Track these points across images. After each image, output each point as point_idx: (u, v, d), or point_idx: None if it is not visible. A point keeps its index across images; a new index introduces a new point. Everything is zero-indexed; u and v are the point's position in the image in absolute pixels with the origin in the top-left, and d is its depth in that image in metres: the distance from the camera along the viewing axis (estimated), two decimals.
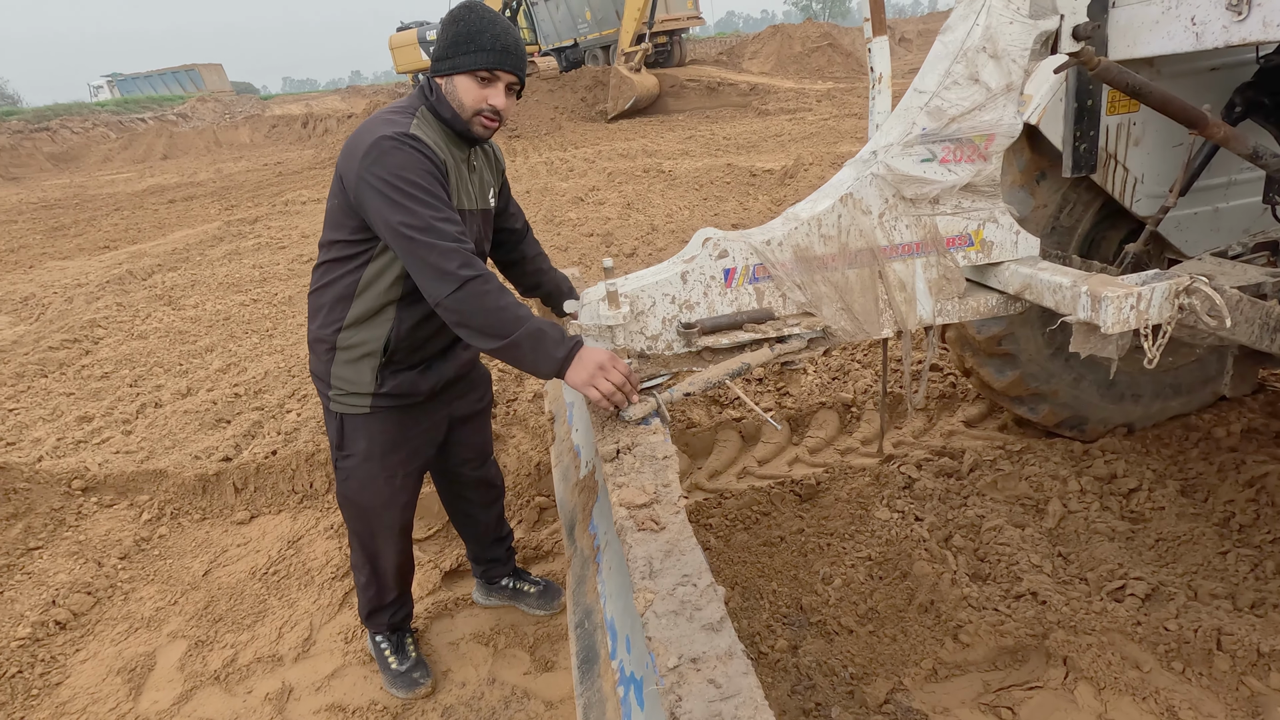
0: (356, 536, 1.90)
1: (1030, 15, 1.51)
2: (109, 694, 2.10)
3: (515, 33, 1.61)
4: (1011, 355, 2.57)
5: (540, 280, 2.06)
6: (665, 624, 0.92)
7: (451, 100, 1.61)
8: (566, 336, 1.47)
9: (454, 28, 1.58)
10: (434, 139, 1.58)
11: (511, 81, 1.62)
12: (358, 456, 1.79)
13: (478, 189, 1.76)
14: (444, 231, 1.46)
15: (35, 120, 27.82)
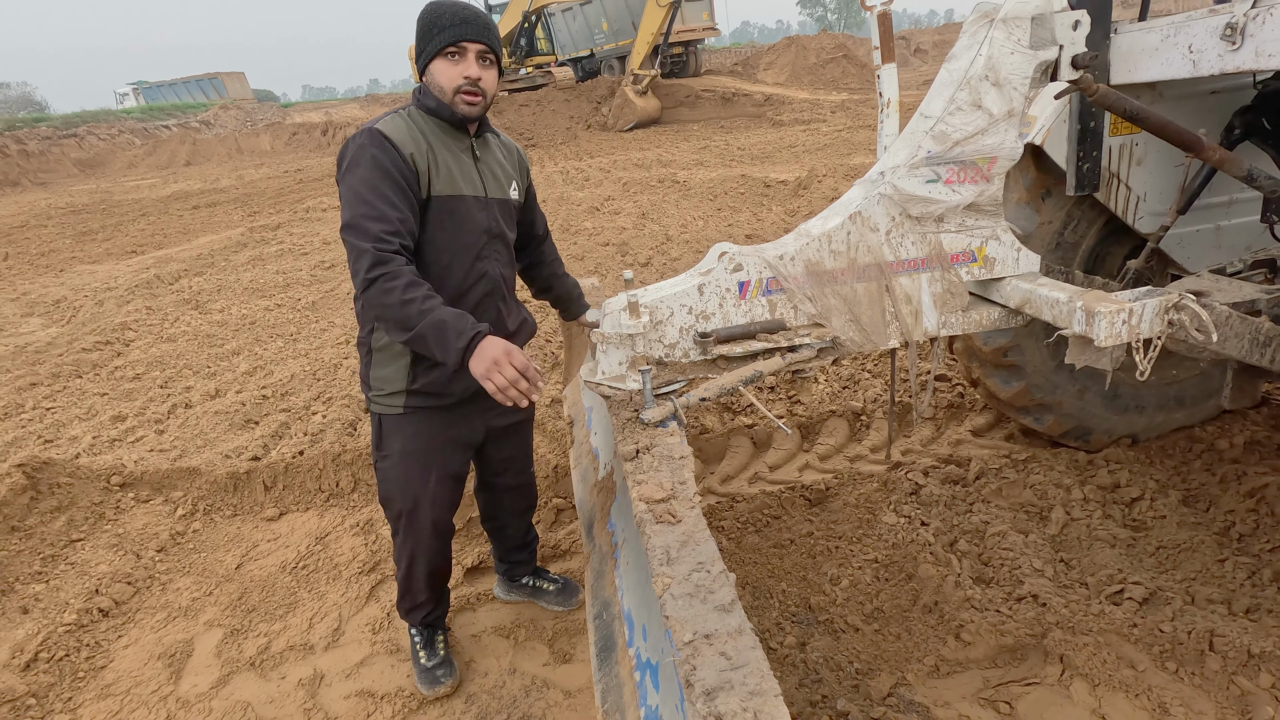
0: (395, 534, 1.99)
1: (1030, 46, 1.61)
2: (150, 677, 2.22)
3: (474, 8, 1.68)
4: (1017, 367, 2.64)
5: (553, 284, 2.15)
6: (681, 605, 1.02)
7: (434, 89, 1.68)
8: (470, 328, 1.49)
9: (419, 25, 1.68)
10: (411, 131, 1.65)
11: (480, 50, 1.67)
12: (394, 456, 1.87)
13: (489, 178, 1.80)
14: (365, 230, 1.53)
15: (64, 127, 28.43)
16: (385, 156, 1.59)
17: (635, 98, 16.63)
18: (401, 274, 1.53)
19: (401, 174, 1.60)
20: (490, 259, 1.82)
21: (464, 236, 1.74)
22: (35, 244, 11.56)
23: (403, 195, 1.60)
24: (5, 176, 23.79)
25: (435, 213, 1.69)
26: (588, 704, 1.94)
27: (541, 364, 4.29)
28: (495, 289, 1.84)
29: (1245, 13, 1.68)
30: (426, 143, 1.67)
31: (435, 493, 1.91)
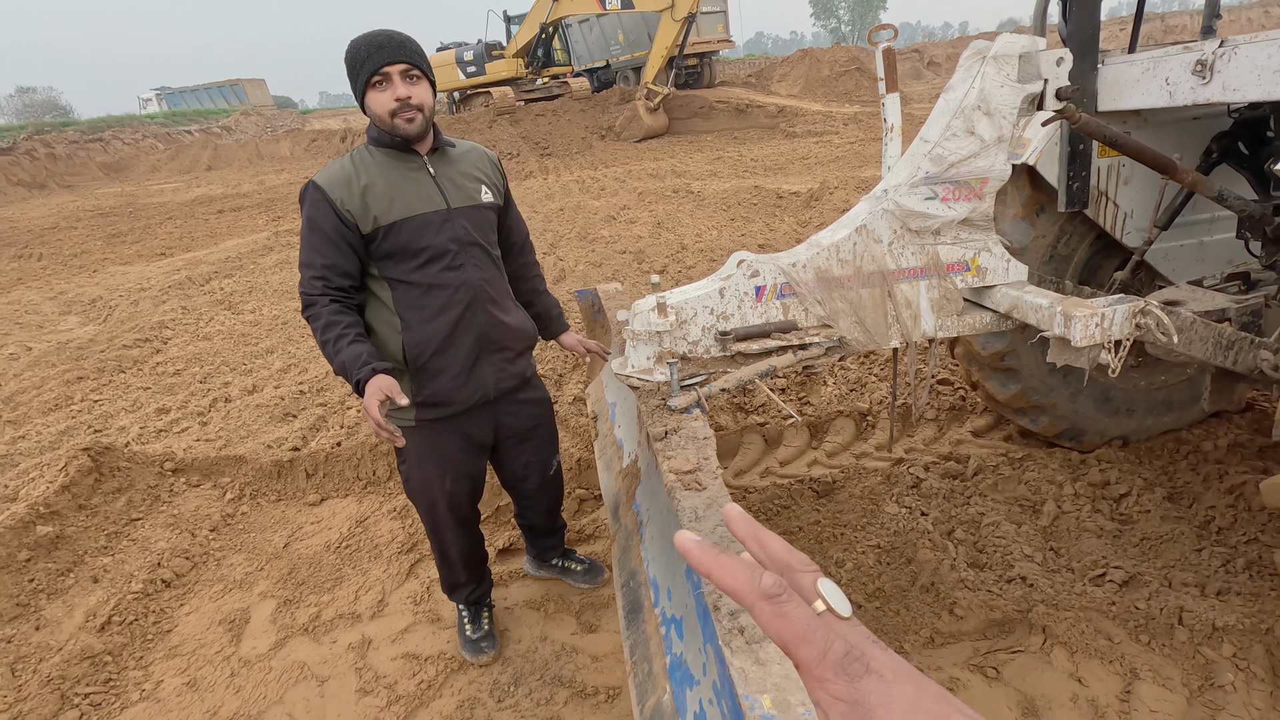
0: (426, 527, 2.16)
1: (1018, 80, 1.81)
2: (213, 640, 2.43)
3: (389, 31, 1.76)
4: (1014, 370, 2.83)
5: (533, 300, 2.25)
6: None
7: (375, 120, 1.79)
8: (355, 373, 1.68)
9: (346, 67, 1.78)
10: (351, 174, 1.78)
11: (403, 69, 1.73)
12: (411, 462, 2.02)
13: (451, 190, 1.88)
14: (302, 278, 1.79)
15: (89, 131, 29.12)
16: (315, 210, 1.77)
17: (645, 114, 16.89)
18: (320, 315, 1.76)
19: (332, 225, 1.76)
20: (469, 266, 1.90)
21: (431, 250, 1.84)
22: (67, 245, 11.93)
23: (330, 243, 1.77)
24: (33, 179, 24.37)
25: (395, 236, 1.81)
26: (613, 667, 2.14)
27: (563, 364, 4.51)
28: (479, 294, 1.92)
29: (1214, 51, 1.88)
30: (367, 179, 1.78)
31: (452, 493, 2.06)
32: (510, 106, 19.09)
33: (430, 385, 1.90)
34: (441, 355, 1.89)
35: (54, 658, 2.35)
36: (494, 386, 2.00)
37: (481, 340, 1.95)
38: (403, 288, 1.85)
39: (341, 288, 1.80)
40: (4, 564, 2.68)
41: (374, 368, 1.68)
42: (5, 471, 3.86)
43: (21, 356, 6.02)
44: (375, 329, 1.88)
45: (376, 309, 1.88)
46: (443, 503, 2.07)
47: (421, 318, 1.86)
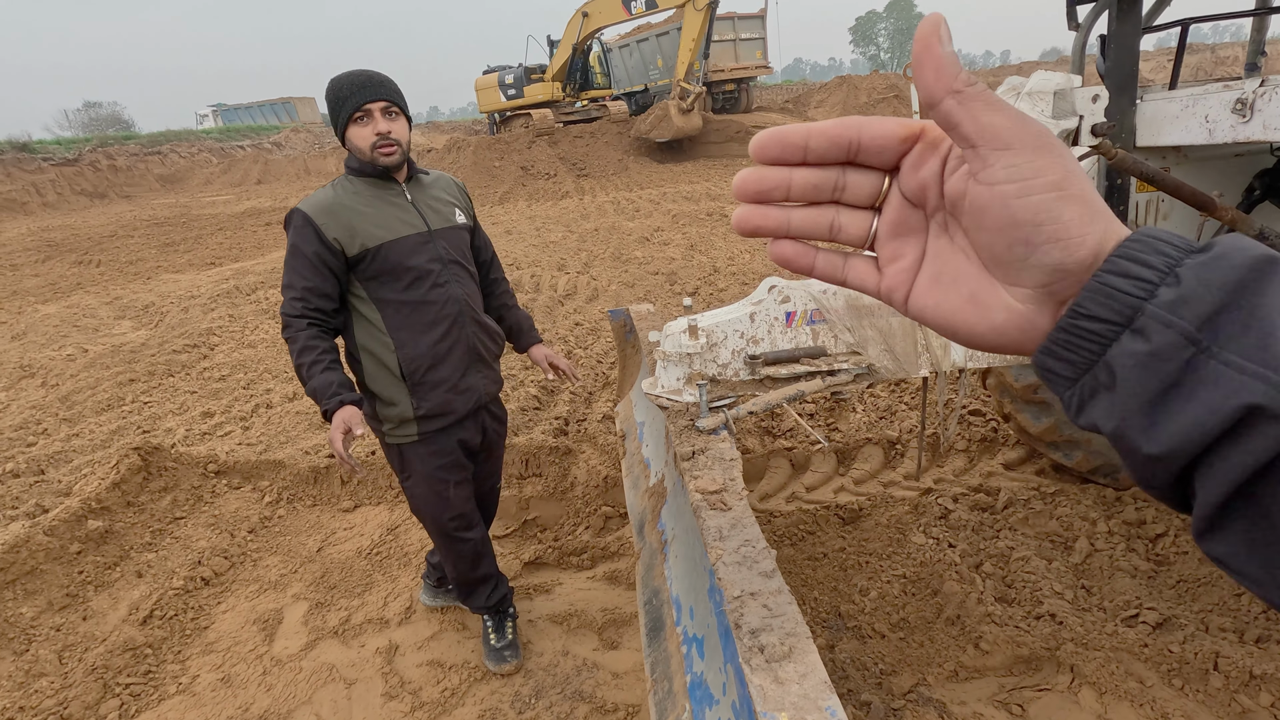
0: (433, 539, 2.22)
1: (1053, 116, 1.83)
2: (248, 638, 2.51)
3: (370, 72, 1.90)
4: (1047, 404, 2.80)
5: (503, 315, 2.35)
6: (731, 570, 1.25)
7: (355, 152, 1.92)
8: (324, 402, 1.80)
9: (328, 98, 1.90)
10: (334, 202, 1.89)
11: (383, 106, 1.87)
12: (417, 477, 2.10)
13: (429, 213, 2.02)
14: (284, 299, 1.88)
15: (149, 144, 30.45)
16: (299, 236, 1.87)
17: (676, 115, 16.86)
18: (297, 338, 1.86)
19: (314, 250, 1.86)
20: (452, 282, 2.03)
21: (417, 270, 1.96)
22: (124, 253, 12.47)
23: (311, 268, 1.87)
24: (95, 189, 25.55)
25: (383, 258, 1.92)
26: (633, 685, 2.15)
27: (592, 383, 4.57)
28: (464, 308, 2.05)
29: (1254, 90, 1.88)
30: (352, 204, 1.90)
31: (454, 497, 2.15)
32: (549, 128, 19.46)
33: (430, 397, 2.00)
34: (436, 368, 2.00)
35: (98, 648, 2.45)
36: (484, 392, 2.14)
37: (470, 351, 2.07)
38: (392, 308, 1.96)
39: (321, 309, 1.89)
40: (57, 555, 2.81)
41: (342, 399, 1.79)
42: (60, 467, 4.04)
43: (78, 358, 6.30)
44: (369, 350, 1.97)
45: (367, 331, 1.98)
46: (451, 510, 2.14)
47: (413, 334, 1.97)
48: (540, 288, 7.35)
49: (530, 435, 3.76)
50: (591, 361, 4.94)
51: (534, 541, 3.03)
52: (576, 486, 3.28)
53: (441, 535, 2.19)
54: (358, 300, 1.96)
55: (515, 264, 8.49)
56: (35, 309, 8.76)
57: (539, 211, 13.06)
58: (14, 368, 6.15)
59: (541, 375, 4.72)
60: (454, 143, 20.44)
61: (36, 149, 26.03)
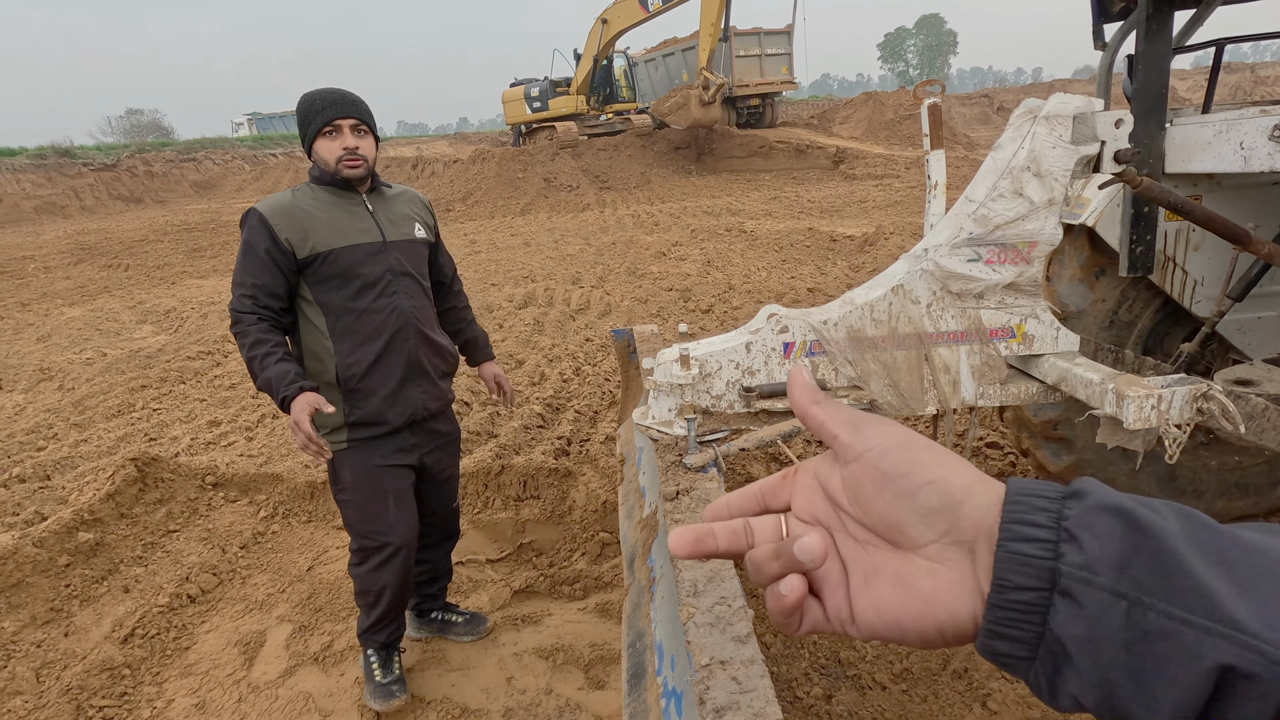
0: (365, 561, 2.08)
1: (1072, 141, 1.71)
2: (227, 662, 2.45)
3: (342, 90, 1.96)
4: (1067, 440, 2.65)
5: (460, 329, 2.37)
6: (703, 632, 1.14)
7: (320, 163, 1.96)
8: (283, 389, 1.77)
9: (297, 115, 1.96)
10: (292, 206, 1.93)
11: (353, 124, 1.94)
12: (350, 486, 2.03)
13: (387, 224, 2.04)
14: (233, 296, 1.90)
15: (185, 151, 31.22)
16: (253, 235, 1.89)
17: (696, 106, 16.67)
18: (248, 332, 1.86)
19: (265, 248, 1.88)
20: (401, 294, 2.04)
21: (366, 278, 1.98)
22: (152, 257, 12.72)
23: (263, 265, 1.89)
24: (131, 194, 26.23)
25: (333, 262, 1.94)
26: None
27: (599, 401, 4.48)
28: (409, 320, 2.05)
29: None
30: (310, 209, 1.94)
31: (396, 513, 2.05)
32: (573, 140, 19.56)
33: (363, 405, 1.99)
34: (372, 377, 2.00)
35: (77, 666, 2.40)
36: (422, 407, 2.10)
37: (411, 363, 2.05)
38: (336, 313, 1.97)
39: (270, 307, 1.91)
40: (45, 568, 2.78)
41: (301, 385, 1.79)
42: (65, 473, 4.05)
43: (96, 361, 6.37)
44: (311, 352, 1.99)
45: (310, 333, 1.99)
46: (386, 527, 2.04)
47: (355, 341, 1.98)
48: (553, 301, 7.30)
49: (530, 455, 3.68)
50: (599, 379, 4.86)
51: (528, 567, 2.94)
52: (575, 510, 3.19)
53: (365, 551, 2.07)
54: (305, 303, 1.98)
55: (530, 276, 8.47)
56: (62, 311, 8.93)
57: (559, 224, 13.08)
58: (34, 370, 6.24)
59: (546, 393, 4.65)
60: (479, 154, 20.62)
61: (78, 154, 26.82)
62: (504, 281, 8.35)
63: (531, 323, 6.44)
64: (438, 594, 2.48)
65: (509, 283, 8.25)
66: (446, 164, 23.12)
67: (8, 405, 5.39)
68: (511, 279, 8.43)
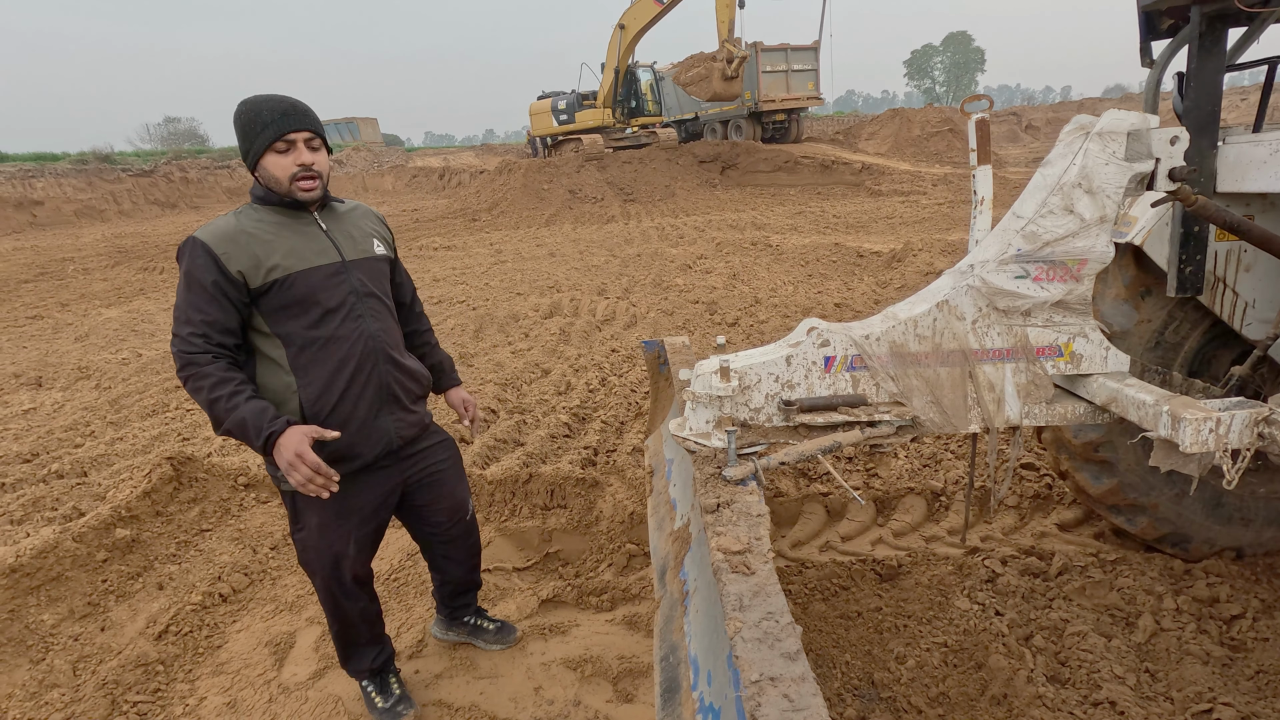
0: (323, 597, 2.02)
1: (1125, 159, 1.69)
2: (258, 661, 2.47)
3: (291, 99, 1.75)
4: (1109, 463, 2.58)
5: (425, 353, 2.23)
6: (751, 648, 1.13)
7: (269, 182, 1.76)
8: (266, 426, 1.61)
9: (238, 126, 1.74)
10: (236, 231, 1.72)
11: (307, 138, 1.74)
12: (311, 529, 1.90)
13: (344, 242, 1.87)
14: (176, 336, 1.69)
15: (219, 159, 32.00)
16: (195, 266, 1.68)
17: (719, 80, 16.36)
18: (206, 374, 1.64)
19: (213, 280, 1.67)
20: (366, 317, 1.87)
21: (328, 302, 1.80)
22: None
23: (211, 300, 1.67)
24: (167, 199, 26.89)
25: (290, 289, 1.75)
26: None
27: (626, 412, 4.47)
28: (377, 344, 1.89)
29: None
30: (258, 233, 1.74)
31: (355, 555, 1.96)
32: (599, 153, 19.73)
33: (332, 442, 1.77)
34: (341, 409, 1.82)
35: (112, 661, 2.43)
36: (396, 435, 1.95)
37: (382, 390, 1.90)
38: (298, 344, 1.79)
39: (224, 345, 1.71)
40: (83, 562, 2.83)
41: (287, 419, 1.65)
42: (101, 470, 4.13)
43: (132, 362, 6.51)
44: (269, 388, 1.78)
45: (268, 368, 1.79)
46: (345, 565, 1.95)
47: (321, 373, 1.80)
48: (579, 311, 7.33)
49: (558, 465, 3.68)
50: (625, 390, 4.86)
51: (554, 577, 2.93)
52: (601, 521, 3.18)
53: (331, 593, 1.99)
54: (259, 336, 1.79)
55: (556, 286, 8.51)
56: (99, 312, 9.15)
57: (584, 235, 13.16)
58: (73, 369, 6.39)
59: (573, 403, 4.66)
60: (505, 165, 20.86)
61: (117, 160, 27.60)
62: (529, 291, 8.40)
63: (557, 332, 6.47)
64: (470, 601, 2.45)
65: (534, 292, 8.30)
66: (473, 174, 23.43)
67: (47, 403, 5.52)
68: (537, 289, 8.49)
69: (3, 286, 11.44)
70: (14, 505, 3.60)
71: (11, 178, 23.46)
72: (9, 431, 4.90)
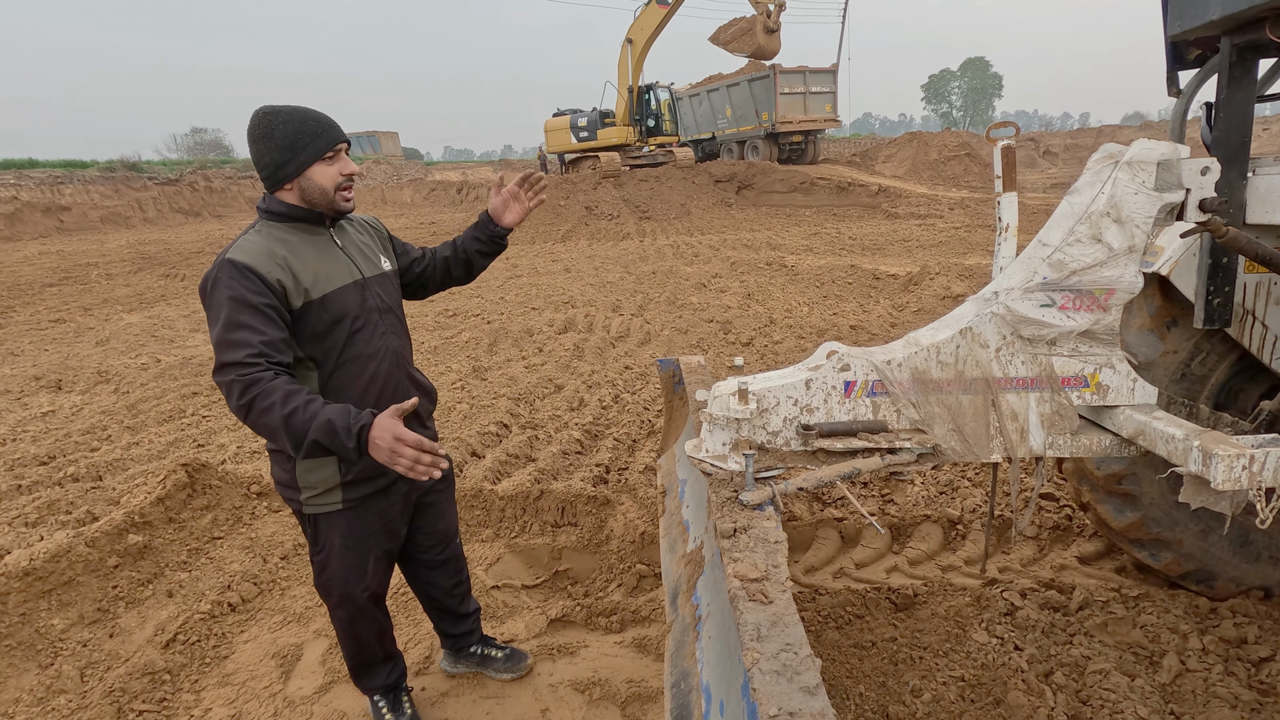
0: (337, 618, 2.01)
1: (1155, 188, 1.66)
2: (264, 674, 2.45)
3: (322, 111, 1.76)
4: (1132, 496, 2.53)
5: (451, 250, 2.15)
6: (768, 680, 1.10)
7: (313, 192, 1.72)
8: (354, 422, 1.48)
9: (278, 133, 1.68)
10: (269, 250, 1.66)
11: (347, 148, 1.78)
12: (332, 551, 1.89)
13: (359, 259, 1.86)
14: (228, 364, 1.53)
15: (243, 169, 32.55)
16: (243, 289, 1.58)
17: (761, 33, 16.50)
18: (273, 390, 1.50)
19: (261, 299, 1.59)
20: (388, 334, 1.87)
21: (355, 322, 1.79)
22: (208, 268, 13.16)
23: (264, 318, 1.59)
24: (191, 207, 27.34)
25: (322, 310, 1.72)
26: None
27: (639, 430, 4.45)
28: (399, 361, 1.89)
29: None
30: (290, 254, 1.69)
31: (373, 574, 1.96)
32: (616, 171, 19.88)
33: (360, 461, 1.65)
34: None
35: (120, 668, 2.43)
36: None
37: (411, 420, 1.90)
38: (330, 365, 1.76)
39: (283, 364, 1.60)
40: (95, 567, 2.84)
41: (370, 411, 1.54)
42: (116, 474, 4.16)
43: (151, 367, 6.58)
44: None
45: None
46: (363, 586, 1.95)
47: (352, 393, 1.78)
48: (594, 328, 7.34)
49: (569, 481, 3.66)
50: (638, 408, 4.84)
51: (563, 596, 2.90)
52: (612, 540, 3.15)
53: (351, 613, 1.97)
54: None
55: (571, 302, 8.53)
56: (121, 317, 9.28)
57: (599, 251, 13.22)
58: (93, 373, 6.46)
59: (585, 419, 4.64)
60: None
61: (144, 169, 28.15)
62: (544, 306, 8.43)
63: (571, 348, 6.47)
64: (473, 628, 2.39)
65: (549, 307, 8.33)
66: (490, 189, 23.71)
67: (65, 405, 5.59)
68: (552, 304, 8.51)
69: (27, 290, 11.64)
70: (29, 508, 3.62)
71: (41, 184, 23.99)
72: (27, 433, 4.96)
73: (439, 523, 2.15)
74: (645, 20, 18.67)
